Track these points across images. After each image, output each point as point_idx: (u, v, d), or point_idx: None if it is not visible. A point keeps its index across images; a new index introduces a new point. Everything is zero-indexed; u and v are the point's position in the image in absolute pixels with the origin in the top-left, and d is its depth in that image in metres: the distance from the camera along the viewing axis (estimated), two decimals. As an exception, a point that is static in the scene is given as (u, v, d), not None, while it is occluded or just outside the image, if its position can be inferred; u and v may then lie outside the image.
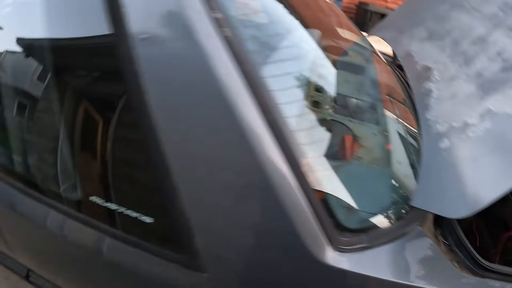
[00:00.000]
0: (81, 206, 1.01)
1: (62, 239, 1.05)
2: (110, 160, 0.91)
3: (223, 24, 0.75)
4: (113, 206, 0.90)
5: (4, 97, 1.14)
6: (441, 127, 0.90)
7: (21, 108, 1.11)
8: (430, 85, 1.00)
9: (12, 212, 1.17)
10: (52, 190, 1.07)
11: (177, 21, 0.76)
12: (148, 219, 0.85)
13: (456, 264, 0.81)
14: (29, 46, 1.08)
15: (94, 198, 0.94)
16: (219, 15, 0.75)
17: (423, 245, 0.82)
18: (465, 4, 1.15)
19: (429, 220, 0.87)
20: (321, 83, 1.01)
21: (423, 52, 1.14)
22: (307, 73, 0.98)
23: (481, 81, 0.90)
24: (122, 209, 0.88)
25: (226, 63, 0.73)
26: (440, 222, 0.87)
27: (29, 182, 1.14)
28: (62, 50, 1.01)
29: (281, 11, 1.05)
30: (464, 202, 0.75)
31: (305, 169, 0.75)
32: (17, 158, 1.18)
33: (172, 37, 0.77)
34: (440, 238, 0.86)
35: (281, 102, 0.77)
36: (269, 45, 0.94)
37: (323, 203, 0.76)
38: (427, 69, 1.06)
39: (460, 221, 0.89)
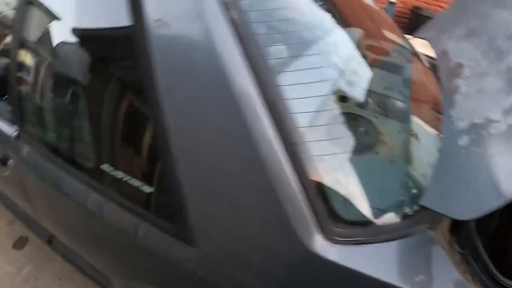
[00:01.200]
0: (93, 174, 1.04)
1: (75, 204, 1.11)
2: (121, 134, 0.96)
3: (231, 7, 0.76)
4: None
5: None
6: (462, 124, 0.83)
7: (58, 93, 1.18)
8: (460, 82, 0.94)
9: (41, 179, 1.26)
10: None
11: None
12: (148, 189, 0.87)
13: (468, 277, 0.73)
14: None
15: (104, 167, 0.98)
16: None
17: (431, 250, 0.75)
18: (507, 1, 1.06)
19: (444, 225, 0.79)
20: (348, 78, 0.99)
21: (458, 50, 1.07)
22: (332, 69, 0.97)
23: (510, 76, 0.82)
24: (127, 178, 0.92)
25: (231, 46, 0.74)
26: (457, 229, 0.80)
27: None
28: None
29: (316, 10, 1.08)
30: (472, 203, 0.68)
31: (303, 156, 0.73)
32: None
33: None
34: (456, 246, 0.79)
35: (295, 96, 0.77)
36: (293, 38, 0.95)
37: (320, 191, 0.74)
38: (459, 66, 0.99)
39: (484, 230, 0.81)
